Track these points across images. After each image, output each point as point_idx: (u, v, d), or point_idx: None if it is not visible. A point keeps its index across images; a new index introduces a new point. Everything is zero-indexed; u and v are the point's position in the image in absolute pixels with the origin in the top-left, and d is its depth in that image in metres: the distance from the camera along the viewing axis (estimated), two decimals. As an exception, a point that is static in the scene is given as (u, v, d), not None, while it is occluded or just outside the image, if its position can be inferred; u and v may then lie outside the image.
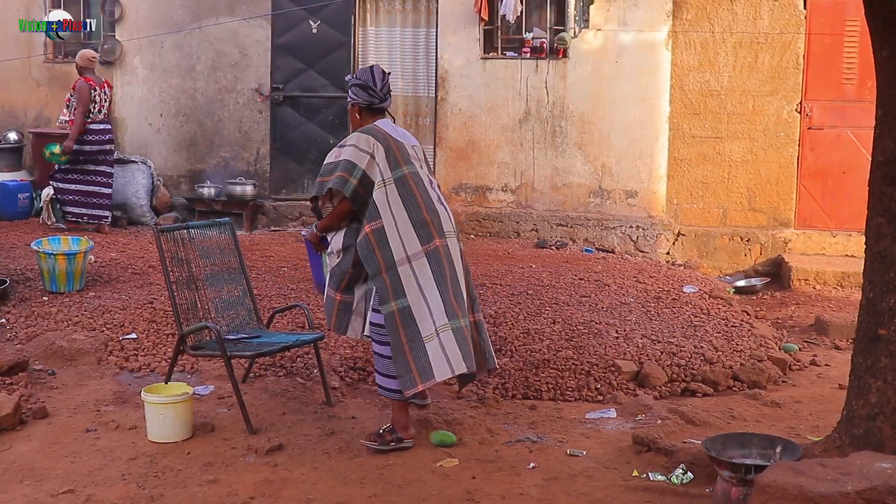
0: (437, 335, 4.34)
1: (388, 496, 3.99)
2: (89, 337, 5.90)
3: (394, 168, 4.47)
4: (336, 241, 4.58)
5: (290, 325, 6.18)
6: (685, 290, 7.71)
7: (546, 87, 9.60)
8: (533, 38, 9.63)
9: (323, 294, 5.18)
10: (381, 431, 4.54)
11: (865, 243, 3.95)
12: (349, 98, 4.70)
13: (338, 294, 4.56)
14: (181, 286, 4.98)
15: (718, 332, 6.60)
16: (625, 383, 5.70)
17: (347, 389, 5.37)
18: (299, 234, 9.13)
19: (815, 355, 6.59)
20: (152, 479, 4.09)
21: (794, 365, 6.36)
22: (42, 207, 9.70)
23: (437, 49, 9.84)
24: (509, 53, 9.72)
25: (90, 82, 9.11)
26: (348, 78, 4.76)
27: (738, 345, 6.39)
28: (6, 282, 6.84)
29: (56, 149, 9.03)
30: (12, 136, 10.64)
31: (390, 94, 4.71)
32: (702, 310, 7.13)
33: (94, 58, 9.35)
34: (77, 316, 6.31)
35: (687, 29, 9.34)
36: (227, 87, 10.47)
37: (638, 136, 9.48)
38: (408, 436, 4.52)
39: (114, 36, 10.69)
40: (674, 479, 4.12)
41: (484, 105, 9.77)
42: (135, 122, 10.74)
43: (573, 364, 5.81)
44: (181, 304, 4.93)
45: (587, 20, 9.44)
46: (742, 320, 7.06)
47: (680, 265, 9.24)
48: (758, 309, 7.96)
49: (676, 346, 6.19)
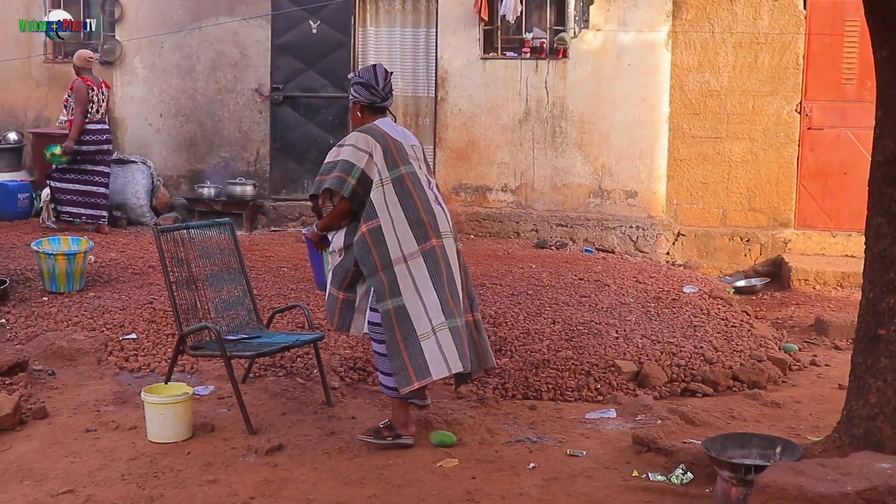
0: (434, 334, 4.35)
1: (388, 496, 3.99)
2: (89, 337, 5.90)
3: (391, 168, 4.48)
4: (337, 239, 4.59)
5: (290, 325, 6.18)
6: (685, 290, 7.71)
7: (546, 88, 9.60)
8: (533, 39, 9.62)
9: (324, 292, 5.18)
10: (380, 427, 4.56)
11: (865, 243, 3.95)
12: (351, 96, 4.71)
13: (340, 292, 4.56)
14: (181, 286, 4.98)
15: (718, 333, 6.60)
16: (625, 383, 5.70)
17: (347, 389, 5.37)
18: (300, 234, 9.13)
19: (815, 355, 6.60)
20: (152, 480, 4.09)
21: (794, 365, 6.36)
22: (42, 207, 9.70)
23: (437, 49, 9.84)
24: (509, 54, 9.72)
25: (88, 82, 9.11)
26: (351, 76, 4.77)
27: (738, 345, 6.39)
28: (6, 282, 6.84)
29: (57, 150, 9.03)
30: (12, 136, 10.64)
31: (392, 94, 4.72)
32: (702, 310, 7.13)
33: (91, 58, 9.34)
34: (77, 316, 6.31)
35: (687, 29, 9.34)
36: (227, 87, 10.47)
37: (638, 136, 9.48)
38: (407, 433, 4.52)
39: (114, 36, 10.69)
40: (674, 480, 4.12)
41: (484, 105, 9.77)
42: (135, 122, 10.74)
43: (573, 364, 5.81)
44: (181, 304, 4.94)
45: (587, 20, 9.44)
46: (742, 320, 7.06)
47: (680, 265, 9.24)
48: (758, 309, 7.96)
49: (676, 346, 6.19)
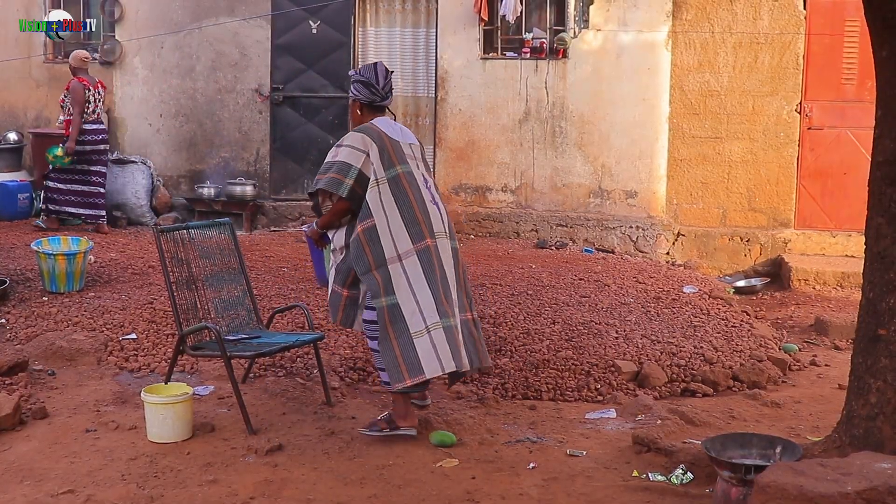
0: (428, 332, 4.38)
1: (388, 496, 3.99)
2: (89, 337, 5.90)
3: (387, 167, 4.50)
4: (338, 238, 4.62)
5: (290, 325, 6.18)
6: (685, 290, 7.71)
7: (546, 88, 9.60)
8: (533, 39, 9.62)
9: (324, 288, 5.20)
10: (378, 420, 4.63)
11: (865, 243, 3.95)
12: (351, 94, 4.73)
13: (344, 289, 4.61)
14: (181, 286, 4.98)
15: (718, 333, 6.59)
16: (625, 383, 5.70)
17: (347, 389, 5.37)
18: (300, 234, 9.13)
19: (815, 355, 6.59)
20: (152, 480, 4.09)
21: (794, 365, 6.36)
22: (42, 208, 9.70)
23: (436, 49, 9.84)
24: (509, 54, 9.72)
25: (84, 82, 9.11)
26: (351, 73, 4.78)
27: (737, 345, 6.39)
28: (6, 282, 6.84)
29: (59, 151, 9.04)
30: (12, 136, 10.63)
31: (392, 93, 4.74)
32: (702, 310, 7.13)
33: (86, 58, 9.34)
34: (77, 316, 6.31)
35: (687, 29, 9.34)
36: (227, 87, 10.47)
37: (638, 136, 9.48)
38: (406, 424, 4.56)
39: (114, 36, 10.69)
40: (674, 480, 4.12)
41: (484, 105, 9.77)
42: (135, 122, 10.74)
43: (573, 364, 5.81)
44: (181, 304, 4.94)
45: (587, 20, 9.44)
46: (742, 320, 7.05)
47: (680, 265, 9.24)
48: (758, 309, 7.96)
49: (676, 346, 6.19)
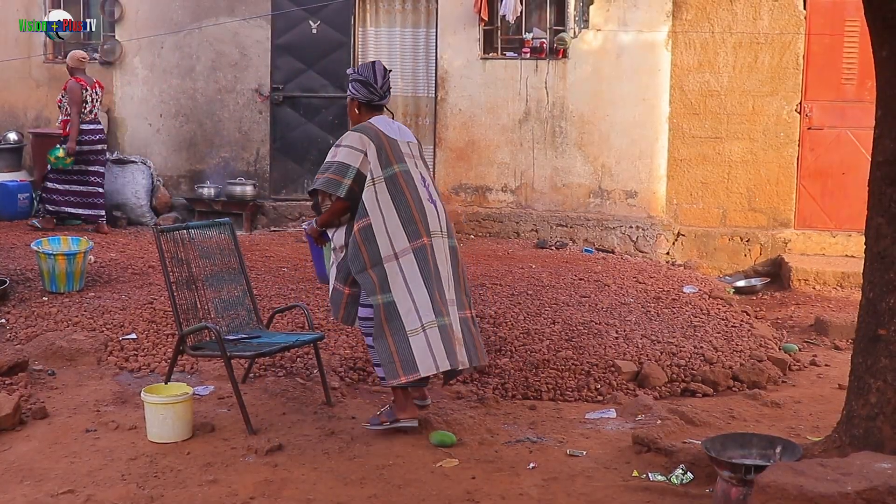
0: (424, 331, 4.42)
1: (388, 496, 3.99)
2: (89, 337, 5.90)
3: (384, 167, 4.54)
4: (338, 237, 4.67)
5: (290, 325, 6.18)
6: (685, 290, 7.71)
7: (546, 88, 9.60)
8: (533, 39, 9.62)
9: (325, 284, 5.22)
10: (378, 414, 4.70)
11: (865, 243, 3.95)
12: (349, 92, 4.76)
13: (346, 287, 4.66)
14: (181, 286, 4.98)
15: (718, 333, 6.59)
16: (625, 383, 5.70)
17: (347, 389, 5.37)
18: (300, 234, 9.13)
19: (815, 355, 6.59)
20: (152, 480, 4.09)
21: (794, 365, 6.36)
22: (38, 208, 9.70)
23: (436, 49, 9.84)
24: (509, 54, 9.71)
25: (81, 82, 9.11)
26: (349, 72, 4.81)
27: (737, 345, 6.39)
28: (6, 282, 6.84)
29: (60, 152, 9.05)
30: (12, 136, 10.63)
31: (390, 92, 4.78)
32: (702, 310, 7.13)
33: (84, 58, 9.35)
34: (77, 316, 6.31)
35: (687, 29, 9.34)
36: (227, 87, 10.47)
37: (638, 136, 9.48)
38: (406, 416, 4.60)
39: (114, 36, 10.69)
40: (674, 480, 4.12)
41: (484, 105, 9.77)
42: (135, 122, 10.74)
43: (573, 364, 5.81)
44: (181, 304, 4.93)
45: (587, 20, 9.44)
46: (742, 320, 7.05)
47: (680, 265, 9.24)
48: (758, 309, 7.96)
49: (676, 346, 6.19)
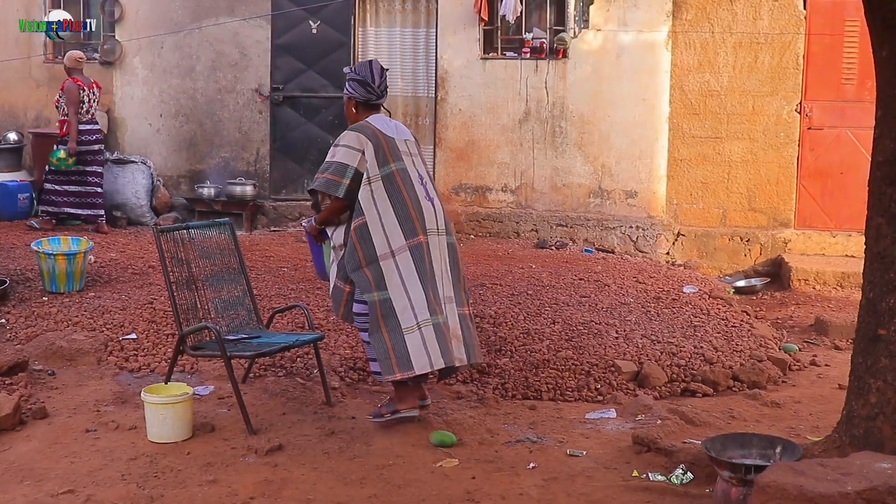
0: (419, 329, 4.47)
1: (388, 496, 3.98)
2: (89, 337, 5.90)
3: (382, 165, 4.58)
4: (337, 235, 4.70)
5: (290, 325, 6.18)
6: (685, 290, 7.71)
7: (546, 88, 9.60)
8: (533, 39, 9.62)
9: (324, 281, 5.25)
10: (380, 406, 4.75)
11: (865, 243, 3.95)
12: (346, 91, 4.78)
13: (346, 285, 4.67)
14: (181, 286, 4.98)
15: (718, 333, 6.59)
16: (625, 383, 5.70)
17: (347, 389, 5.37)
18: (300, 234, 9.13)
19: (815, 355, 6.59)
20: (152, 480, 4.09)
21: (794, 365, 6.35)
22: (37, 209, 9.69)
23: (436, 49, 9.83)
24: (509, 54, 9.71)
25: (78, 83, 9.12)
26: (347, 70, 4.82)
27: (738, 345, 6.39)
28: (6, 282, 6.84)
29: (62, 154, 9.06)
30: (12, 136, 10.63)
31: (387, 91, 4.80)
32: (702, 310, 7.13)
33: (81, 58, 9.35)
34: (77, 316, 6.31)
35: (687, 29, 9.34)
36: (227, 87, 10.47)
37: (638, 136, 9.48)
38: (406, 407, 4.65)
39: (114, 36, 10.69)
40: (674, 480, 4.12)
41: (484, 105, 9.77)
42: (135, 122, 10.73)
43: (573, 364, 5.81)
44: (181, 304, 4.93)
45: (587, 20, 9.44)
46: (742, 320, 7.05)
47: (680, 265, 9.24)
48: (758, 309, 7.96)
49: (676, 346, 6.19)
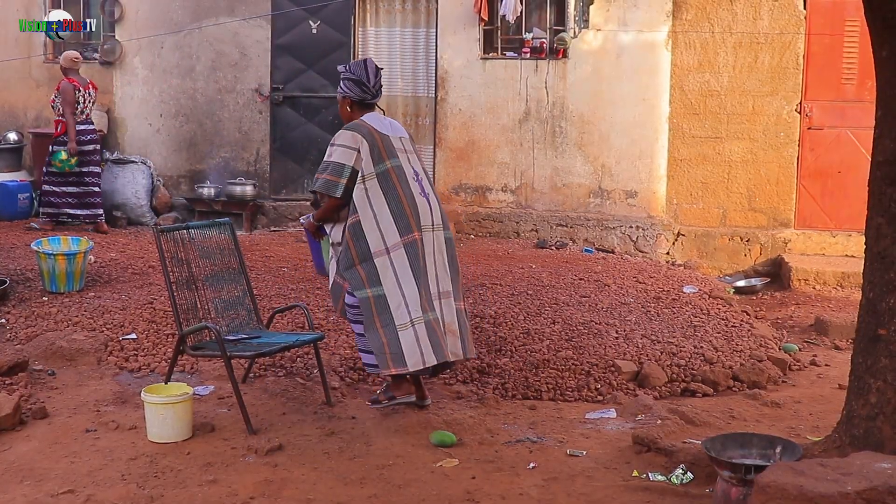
0: (413, 325, 4.53)
1: (388, 496, 3.99)
2: (89, 337, 5.90)
3: (377, 163, 4.62)
4: (336, 233, 4.75)
5: (290, 325, 6.18)
6: (685, 290, 7.71)
7: (546, 88, 9.60)
8: (533, 39, 9.62)
9: (323, 276, 5.28)
10: (378, 393, 4.85)
11: (865, 243, 3.95)
12: (340, 90, 4.79)
13: (345, 281, 4.71)
14: (181, 286, 4.98)
15: (718, 333, 6.59)
16: (625, 383, 5.70)
17: (347, 389, 5.37)
18: (300, 234, 9.13)
19: (815, 355, 6.59)
20: (152, 480, 4.09)
21: (794, 365, 6.35)
22: (38, 210, 9.70)
23: (436, 49, 9.83)
24: (509, 54, 9.71)
25: (74, 83, 9.12)
26: (341, 69, 4.82)
27: (738, 345, 6.39)
28: (6, 282, 6.84)
29: (63, 155, 9.07)
30: (12, 136, 10.64)
31: (382, 90, 4.84)
32: (702, 310, 7.13)
33: (77, 59, 9.36)
34: (77, 316, 6.31)
35: (687, 29, 9.34)
36: (227, 87, 10.47)
37: (638, 136, 9.48)
38: (402, 394, 4.75)
39: (114, 36, 10.69)
40: (674, 479, 4.12)
41: (484, 105, 9.77)
42: (135, 122, 10.74)
43: (573, 364, 5.81)
44: (181, 304, 4.93)
45: (587, 20, 9.44)
46: (742, 320, 7.05)
47: (680, 265, 9.24)
48: (758, 309, 7.96)
49: (676, 346, 6.19)
